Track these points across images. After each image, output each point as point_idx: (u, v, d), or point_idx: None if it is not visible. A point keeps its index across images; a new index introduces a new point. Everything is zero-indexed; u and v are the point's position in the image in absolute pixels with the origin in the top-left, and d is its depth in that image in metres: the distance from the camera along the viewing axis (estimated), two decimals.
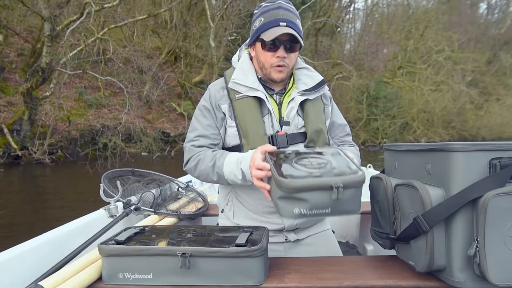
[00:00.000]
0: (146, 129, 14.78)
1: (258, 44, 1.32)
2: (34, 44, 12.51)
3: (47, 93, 11.40)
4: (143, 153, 13.63)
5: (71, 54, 10.76)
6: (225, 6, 15.48)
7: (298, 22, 1.30)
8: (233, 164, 1.21)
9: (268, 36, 1.25)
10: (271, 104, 1.32)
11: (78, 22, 10.49)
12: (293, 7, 1.32)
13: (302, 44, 1.29)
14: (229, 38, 17.05)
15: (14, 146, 10.94)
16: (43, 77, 10.64)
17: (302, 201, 0.93)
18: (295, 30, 1.24)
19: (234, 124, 1.33)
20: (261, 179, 1.08)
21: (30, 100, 10.96)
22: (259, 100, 1.32)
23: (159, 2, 16.19)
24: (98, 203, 1.66)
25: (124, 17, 13.55)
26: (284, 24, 1.24)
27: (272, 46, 1.27)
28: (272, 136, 1.29)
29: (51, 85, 11.40)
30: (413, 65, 23.29)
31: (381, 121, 21.22)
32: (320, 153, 1.09)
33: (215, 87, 1.40)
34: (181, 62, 17.69)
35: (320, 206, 0.93)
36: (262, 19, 1.29)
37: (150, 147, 13.72)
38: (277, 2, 1.29)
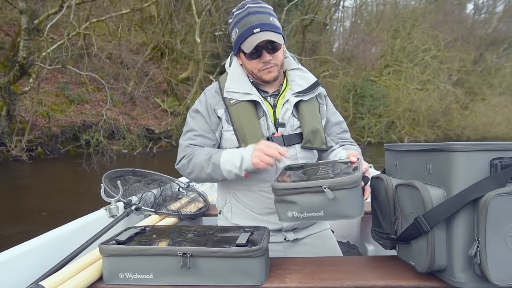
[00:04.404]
0: (130, 125, 14.40)
1: (242, 54, 1.33)
2: (14, 38, 12.12)
3: (26, 88, 11.06)
4: (123, 150, 13.28)
5: (51, 49, 10.39)
6: (212, 1, 15.29)
7: (273, 19, 1.29)
8: (234, 153, 1.22)
9: (247, 47, 1.26)
10: (265, 106, 1.33)
11: (59, 16, 10.15)
12: (263, 5, 1.31)
13: (282, 42, 1.29)
14: (215, 33, 16.95)
15: None
16: (20, 72, 10.36)
17: (292, 204, 0.98)
18: (270, 31, 1.25)
19: (231, 128, 1.34)
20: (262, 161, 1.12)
21: (8, 95, 10.63)
22: (254, 104, 1.33)
23: None
24: (82, 201, 1.65)
25: (108, 11, 13.23)
26: (258, 30, 1.24)
27: (255, 53, 1.28)
28: (268, 138, 1.30)
29: (31, 80, 11.09)
30: (399, 63, 23.25)
31: (367, 119, 21.23)
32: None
33: (211, 92, 1.41)
34: (165, 58, 17.53)
35: (310, 208, 0.96)
36: (237, 30, 1.29)
37: (133, 144, 13.40)
38: (245, 7, 1.28)
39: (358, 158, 1.15)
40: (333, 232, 1.57)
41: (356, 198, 0.97)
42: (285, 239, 1.39)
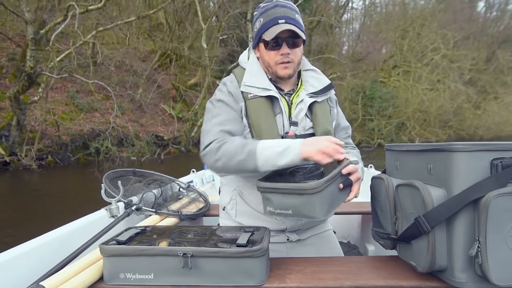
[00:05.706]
0: (139, 133, 14.40)
1: (261, 45, 1.32)
2: (24, 49, 12.15)
3: (36, 98, 11.15)
4: (132, 157, 13.30)
5: (58, 59, 10.48)
6: (217, 7, 15.36)
7: (298, 16, 1.30)
8: (276, 141, 1.15)
9: (268, 35, 1.25)
10: (283, 104, 1.32)
11: (63, 25, 10.24)
12: (291, 3, 1.32)
13: (305, 38, 1.29)
14: (220, 38, 16.99)
15: (2, 152, 10.57)
16: (28, 82, 10.46)
17: (269, 200, 1.11)
18: (295, 25, 1.25)
19: (246, 123, 1.32)
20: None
21: (18, 105, 10.73)
22: (271, 100, 1.32)
23: (153, 5, 15.99)
24: (91, 207, 1.65)
25: (115, 20, 13.33)
26: (283, 21, 1.24)
27: (275, 44, 1.27)
28: (282, 137, 1.29)
29: (40, 90, 11.15)
30: (408, 64, 22.85)
31: (377, 121, 20.91)
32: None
33: (233, 84, 1.37)
34: (172, 65, 17.60)
35: (281, 207, 1.08)
36: (262, 19, 1.29)
37: (142, 150, 13.41)
38: (274, 1, 1.29)
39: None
40: (334, 232, 1.57)
41: (318, 202, 1.03)
42: (288, 239, 1.39)
